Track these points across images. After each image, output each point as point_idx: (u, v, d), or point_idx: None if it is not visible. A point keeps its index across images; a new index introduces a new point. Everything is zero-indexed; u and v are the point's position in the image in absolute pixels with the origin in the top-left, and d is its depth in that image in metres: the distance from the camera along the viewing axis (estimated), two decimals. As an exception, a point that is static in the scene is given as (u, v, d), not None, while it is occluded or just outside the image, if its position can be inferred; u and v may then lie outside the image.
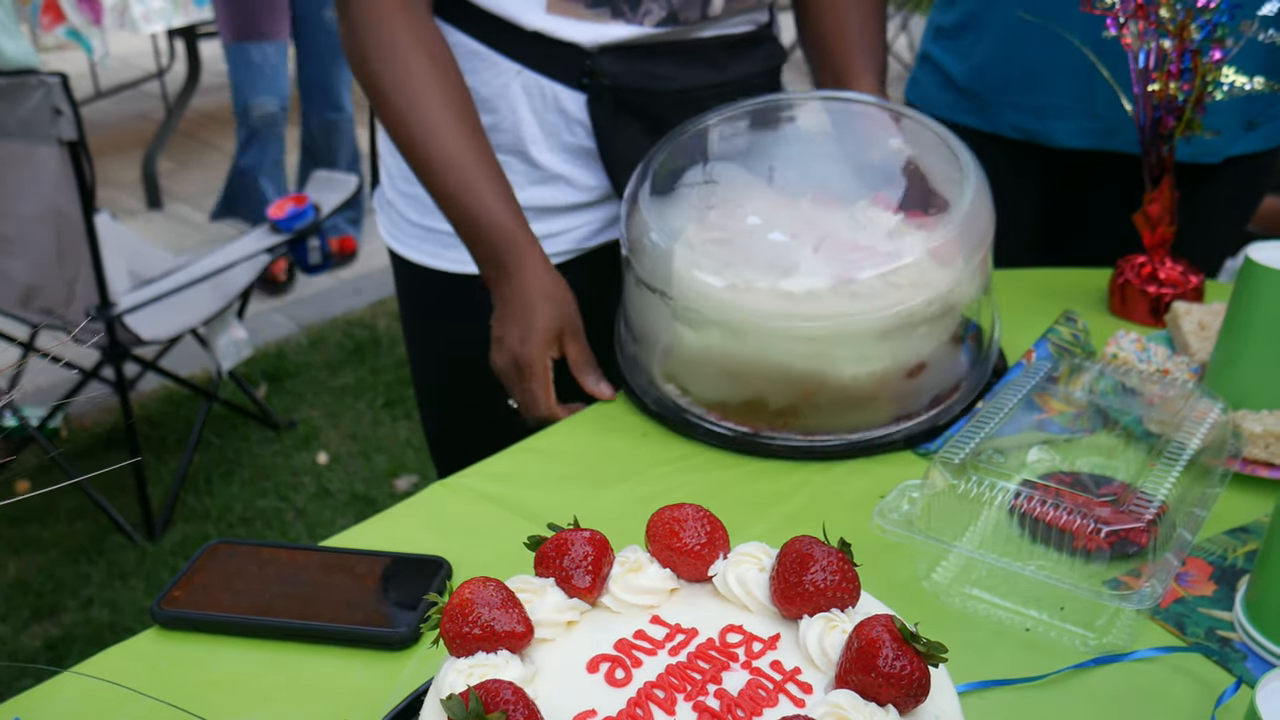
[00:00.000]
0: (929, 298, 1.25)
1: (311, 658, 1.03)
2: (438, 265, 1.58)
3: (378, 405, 3.65)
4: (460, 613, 0.78)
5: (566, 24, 1.43)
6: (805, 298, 1.22)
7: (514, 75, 1.47)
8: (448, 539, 1.18)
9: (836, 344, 1.24)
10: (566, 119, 1.49)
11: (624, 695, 0.77)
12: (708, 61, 1.51)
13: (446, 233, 1.54)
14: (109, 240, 3.05)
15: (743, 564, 0.86)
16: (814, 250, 1.28)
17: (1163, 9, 1.46)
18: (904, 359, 1.28)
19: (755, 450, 1.31)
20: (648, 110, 1.49)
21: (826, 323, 1.23)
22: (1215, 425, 1.14)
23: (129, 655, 1.04)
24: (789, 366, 1.26)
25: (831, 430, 1.30)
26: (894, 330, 1.25)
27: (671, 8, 1.45)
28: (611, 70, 1.45)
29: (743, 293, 1.24)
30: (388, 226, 1.64)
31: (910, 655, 0.73)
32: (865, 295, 1.22)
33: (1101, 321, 1.59)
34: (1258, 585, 1.02)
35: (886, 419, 1.31)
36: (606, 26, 1.44)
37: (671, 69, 1.49)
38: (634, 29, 1.45)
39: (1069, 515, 1.01)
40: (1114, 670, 1.00)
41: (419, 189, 1.54)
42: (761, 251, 1.29)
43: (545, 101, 1.48)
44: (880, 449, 1.30)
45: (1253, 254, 1.27)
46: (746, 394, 1.31)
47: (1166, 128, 1.52)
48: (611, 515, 1.04)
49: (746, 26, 1.55)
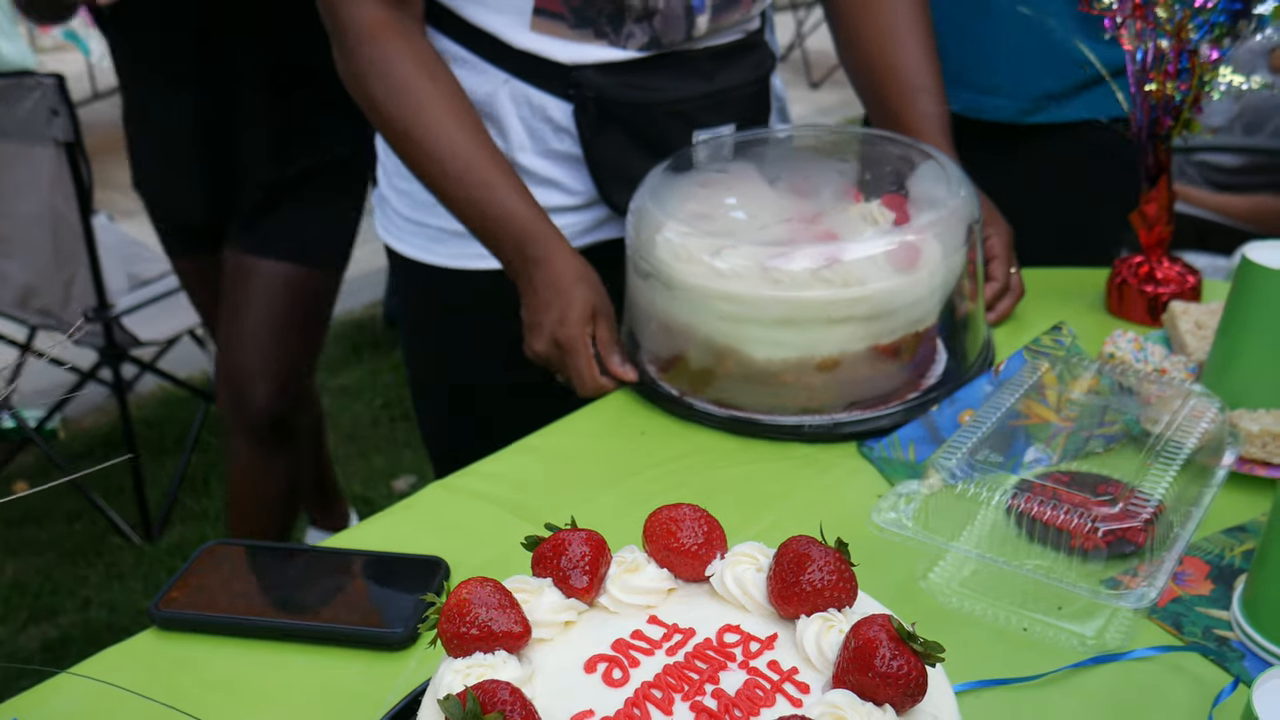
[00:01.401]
0: (855, 298, 1.28)
1: (310, 659, 1.03)
2: (430, 260, 1.58)
3: (376, 406, 3.66)
4: (458, 613, 0.78)
5: (550, 42, 1.44)
6: (730, 275, 1.29)
7: (501, 83, 1.47)
8: (445, 539, 1.18)
9: (746, 323, 1.30)
10: (554, 127, 1.49)
11: (621, 695, 0.77)
12: (695, 73, 1.50)
13: (438, 228, 1.55)
14: (106, 241, 3.05)
15: (740, 564, 0.86)
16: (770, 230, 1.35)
17: (1160, 9, 1.46)
18: (813, 351, 1.30)
19: (671, 409, 1.37)
20: (633, 121, 1.48)
21: (740, 306, 1.29)
22: (1212, 425, 1.14)
23: (127, 656, 1.04)
24: (708, 335, 1.33)
25: (742, 406, 1.34)
26: (804, 321, 1.28)
27: (654, 33, 1.45)
28: (596, 83, 1.45)
29: (683, 259, 1.31)
30: (383, 222, 1.65)
31: (907, 655, 0.73)
32: (786, 284, 1.27)
33: (1098, 321, 1.59)
34: (1255, 584, 1.02)
35: (793, 408, 1.33)
36: (589, 47, 1.44)
37: (658, 81, 1.48)
38: (616, 51, 1.45)
39: (1066, 515, 1.01)
40: (1111, 669, 1.00)
41: (413, 185, 1.55)
42: (722, 226, 1.37)
43: (532, 110, 1.49)
44: (783, 436, 1.33)
45: (1250, 253, 1.27)
46: (673, 350, 1.38)
47: (1163, 128, 1.52)
48: (609, 515, 1.04)
49: (735, 35, 1.54)
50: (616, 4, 1.42)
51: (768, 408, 1.33)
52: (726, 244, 1.31)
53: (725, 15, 1.49)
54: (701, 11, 1.46)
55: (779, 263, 1.28)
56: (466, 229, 1.44)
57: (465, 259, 1.55)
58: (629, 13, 1.43)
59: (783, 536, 0.85)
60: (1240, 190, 2.91)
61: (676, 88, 1.49)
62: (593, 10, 1.42)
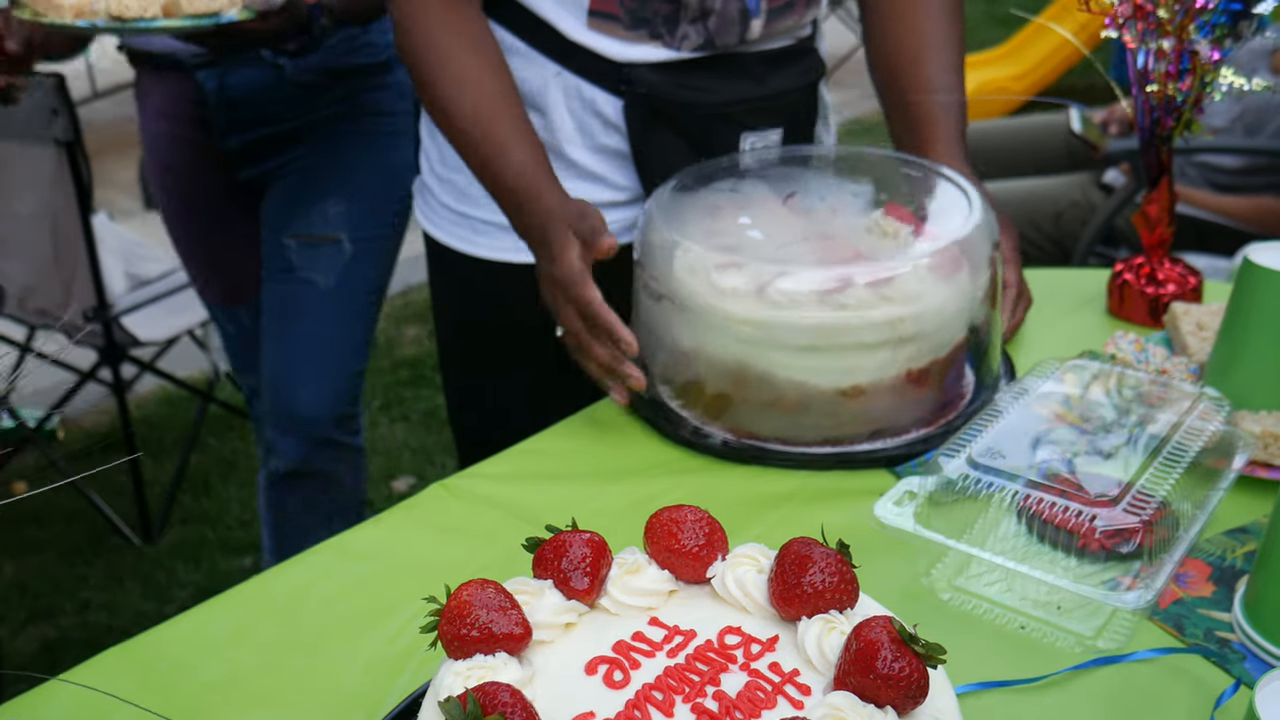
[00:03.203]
0: (863, 324, 1.24)
1: (310, 660, 1.03)
2: (470, 251, 1.59)
3: (375, 407, 3.65)
4: (458, 615, 0.78)
5: (604, 41, 1.44)
6: (731, 294, 1.26)
7: (554, 75, 1.48)
8: (446, 540, 1.18)
9: (755, 345, 1.26)
10: (603, 122, 1.50)
11: (622, 697, 0.77)
12: (746, 75, 1.51)
13: (479, 219, 1.56)
14: (106, 241, 3.05)
15: (741, 565, 0.86)
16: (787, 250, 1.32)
17: (1161, 9, 1.46)
18: (831, 378, 1.27)
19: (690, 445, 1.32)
20: (683, 120, 1.49)
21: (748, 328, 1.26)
22: (1216, 426, 1.14)
23: (126, 658, 1.04)
24: (728, 359, 1.29)
25: (758, 434, 1.30)
26: (818, 347, 1.25)
27: (709, 34, 1.45)
28: (648, 80, 1.46)
29: (692, 273, 1.29)
30: (424, 210, 1.66)
31: (909, 657, 0.73)
32: (785, 305, 1.24)
33: (1099, 322, 1.59)
34: (1256, 586, 1.02)
35: (813, 437, 1.29)
36: (644, 47, 1.45)
37: (709, 82, 1.49)
38: (670, 52, 1.45)
39: (1068, 514, 1.00)
40: (1113, 671, 1.00)
41: (456, 174, 1.56)
42: (732, 244, 1.33)
43: (583, 103, 1.49)
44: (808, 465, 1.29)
45: (1252, 255, 1.27)
46: (688, 376, 1.34)
47: (1165, 128, 1.52)
48: (610, 517, 1.04)
49: (787, 41, 1.54)
50: (673, 5, 1.43)
51: (787, 436, 1.29)
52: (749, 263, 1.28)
53: (780, 20, 1.50)
54: (756, 15, 1.46)
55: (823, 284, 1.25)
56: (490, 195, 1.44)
57: (504, 251, 1.55)
58: (684, 14, 1.43)
59: (784, 538, 0.84)
60: (1241, 191, 2.91)
61: (728, 90, 1.49)
62: (648, 11, 1.43)
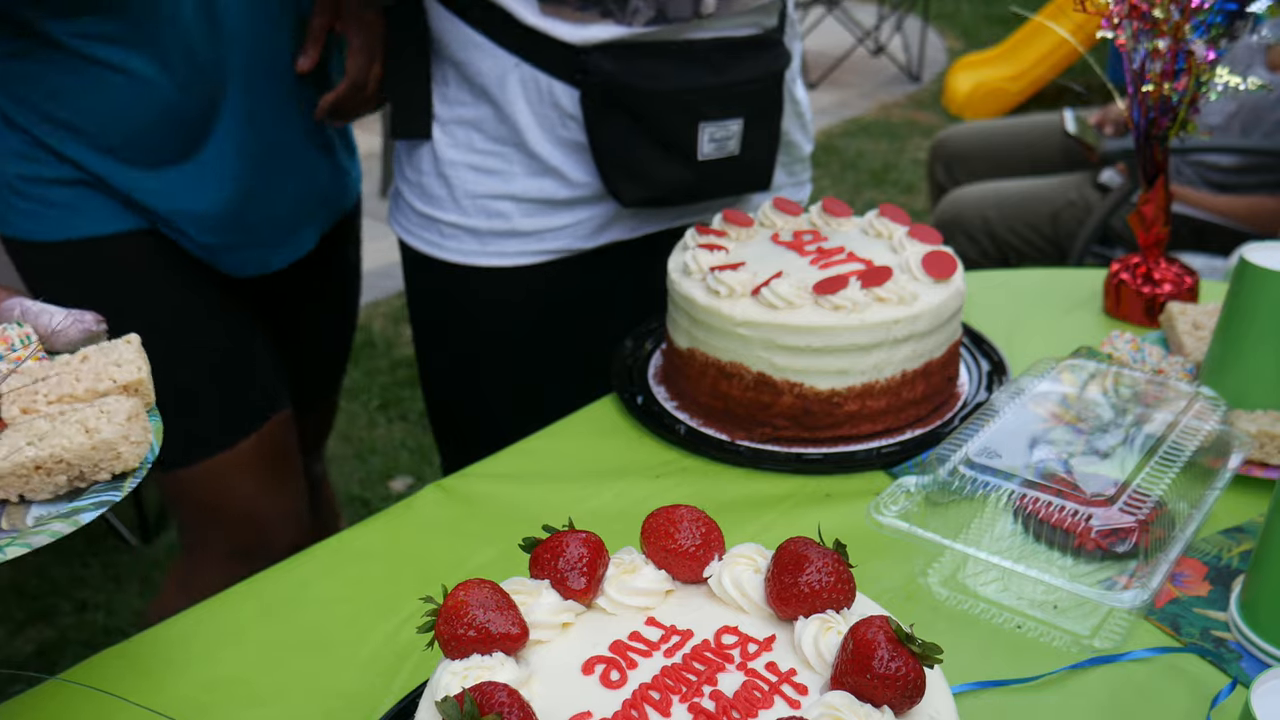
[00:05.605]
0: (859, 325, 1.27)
1: (309, 660, 1.03)
2: (438, 255, 1.60)
3: (373, 407, 3.65)
4: (455, 615, 0.78)
5: (558, 24, 1.44)
6: (727, 296, 1.31)
7: (512, 67, 1.49)
8: (443, 540, 1.18)
9: (752, 346, 1.31)
10: (561, 113, 1.50)
11: (619, 697, 0.77)
12: (703, 63, 1.51)
13: (446, 223, 1.57)
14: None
15: (738, 565, 0.86)
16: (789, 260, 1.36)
17: (1156, 9, 1.46)
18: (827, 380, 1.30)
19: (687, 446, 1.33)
20: (640, 108, 1.49)
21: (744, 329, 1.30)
22: (1212, 426, 1.14)
23: (124, 659, 1.04)
24: (716, 357, 1.34)
25: (754, 435, 1.33)
26: (814, 349, 1.28)
27: (660, 6, 1.45)
28: (604, 68, 1.46)
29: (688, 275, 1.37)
30: (396, 215, 1.67)
31: (905, 656, 0.73)
32: (780, 307, 1.28)
33: (1096, 321, 1.59)
34: (1252, 585, 1.02)
35: (809, 437, 1.32)
36: (596, 27, 1.45)
37: (665, 69, 1.49)
38: (623, 29, 1.45)
39: (1064, 514, 1.01)
40: (1109, 670, 1.00)
41: (423, 177, 1.57)
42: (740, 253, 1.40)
43: (541, 94, 1.50)
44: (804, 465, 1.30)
45: (1248, 255, 1.27)
46: (685, 376, 1.38)
47: (1160, 128, 1.53)
48: (606, 517, 1.04)
49: (749, 30, 1.54)
50: None
51: (783, 437, 1.32)
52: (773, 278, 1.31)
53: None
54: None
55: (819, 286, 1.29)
56: None
57: (472, 256, 1.56)
58: None
59: (781, 538, 0.85)
60: (1237, 190, 2.91)
61: (684, 77, 1.50)
62: None
